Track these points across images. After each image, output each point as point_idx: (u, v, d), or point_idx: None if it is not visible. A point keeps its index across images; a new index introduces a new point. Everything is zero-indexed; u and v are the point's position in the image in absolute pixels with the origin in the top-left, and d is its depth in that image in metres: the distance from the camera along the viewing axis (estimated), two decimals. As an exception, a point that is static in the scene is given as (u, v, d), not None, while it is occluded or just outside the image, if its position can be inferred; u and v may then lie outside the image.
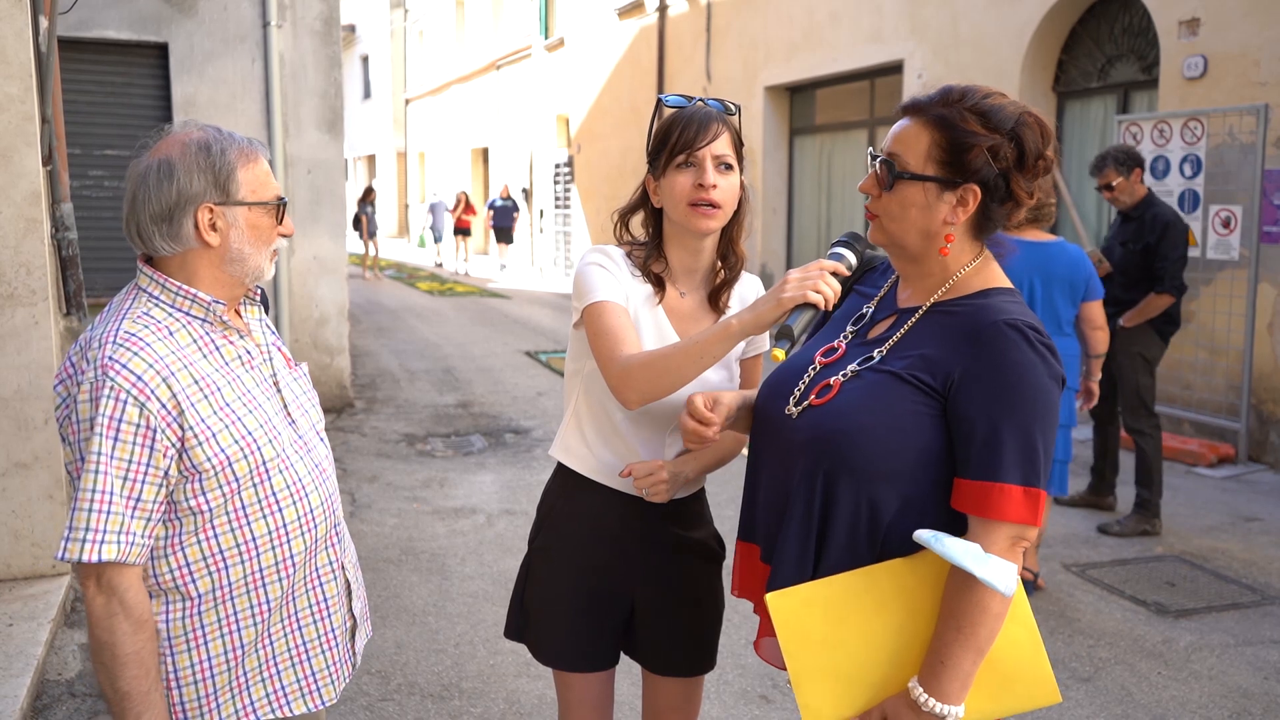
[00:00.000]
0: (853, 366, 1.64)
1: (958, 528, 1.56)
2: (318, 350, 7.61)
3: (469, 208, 20.94)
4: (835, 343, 1.72)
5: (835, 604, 1.54)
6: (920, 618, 1.55)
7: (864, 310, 1.75)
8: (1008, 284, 1.64)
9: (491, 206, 20.47)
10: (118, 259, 6.53)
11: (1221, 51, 6.69)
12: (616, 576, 2.01)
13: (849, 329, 1.73)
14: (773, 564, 1.63)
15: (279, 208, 1.73)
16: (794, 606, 1.54)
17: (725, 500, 5.12)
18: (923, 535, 1.49)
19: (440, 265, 22.31)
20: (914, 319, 1.64)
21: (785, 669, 1.61)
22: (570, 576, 2.02)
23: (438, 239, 23.03)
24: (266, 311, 1.95)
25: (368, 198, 20.09)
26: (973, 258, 1.64)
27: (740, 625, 3.84)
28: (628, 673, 3.09)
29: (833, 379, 1.64)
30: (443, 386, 8.93)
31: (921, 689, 1.51)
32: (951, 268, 1.63)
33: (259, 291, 1.83)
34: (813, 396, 1.65)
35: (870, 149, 1.67)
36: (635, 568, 2.01)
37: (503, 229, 20.35)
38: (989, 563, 1.46)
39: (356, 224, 19.48)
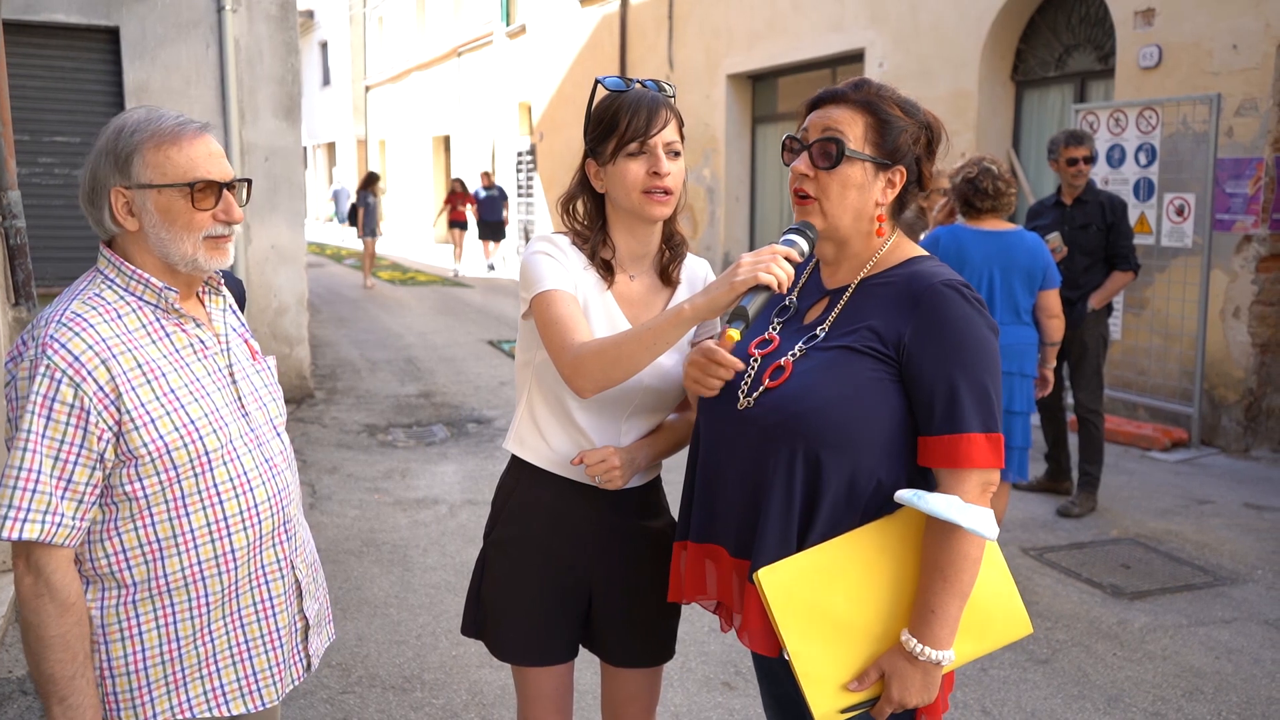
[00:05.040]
0: (799, 346, 1.68)
1: (927, 485, 1.63)
2: (277, 340, 7.52)
3: (465, 196, 17.62)
4: (766, 334, 1.76)
5: (824, 572, 1.58)
6: (903, 574, 1.62)
7: (787, 301, 1.80)
8: (923, 252, 1.74)
9: (475, 198, 17.49)
10: (68, 248, 6.40)
11: (1176, 42, 6.78)
12: (574, 568, 2.00)
13: (776, 320, 1.78)
14: (754, 548, 1.63)
15: (194, 190, 1.62)
16: (785, 580, 1.57)
17: (688, 488, 5.06)
18: (904, 495, 1.56)
19: (460, 272, 17.99)
20: (847, 296, 1.70)
21: (771, 653, 1.63)
22: (527, 570, 2.00)
23: (342, 221, 23.52)
24: (241, 302, 1.90)
25: (369, 185, 16.36)
26: (889, 237, 1.73)
27: (704, 613, 3.85)
28: (590, 662, 3.09)
29: (782, 360, 1.67)
30: (404, 376, 8.86)
31: (914, 639, 1.58)
32: (875, 246, 1.72)
33: (220, 279, 1.80)
34: (766, 381, 1.67)
35: (789, 135, 1.72)
36: (592, 559, 2.00)
37: (491, 223, 17.42)
38: (970, 511, 1.54)
39: (353, 217, 16.40)
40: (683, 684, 3.47)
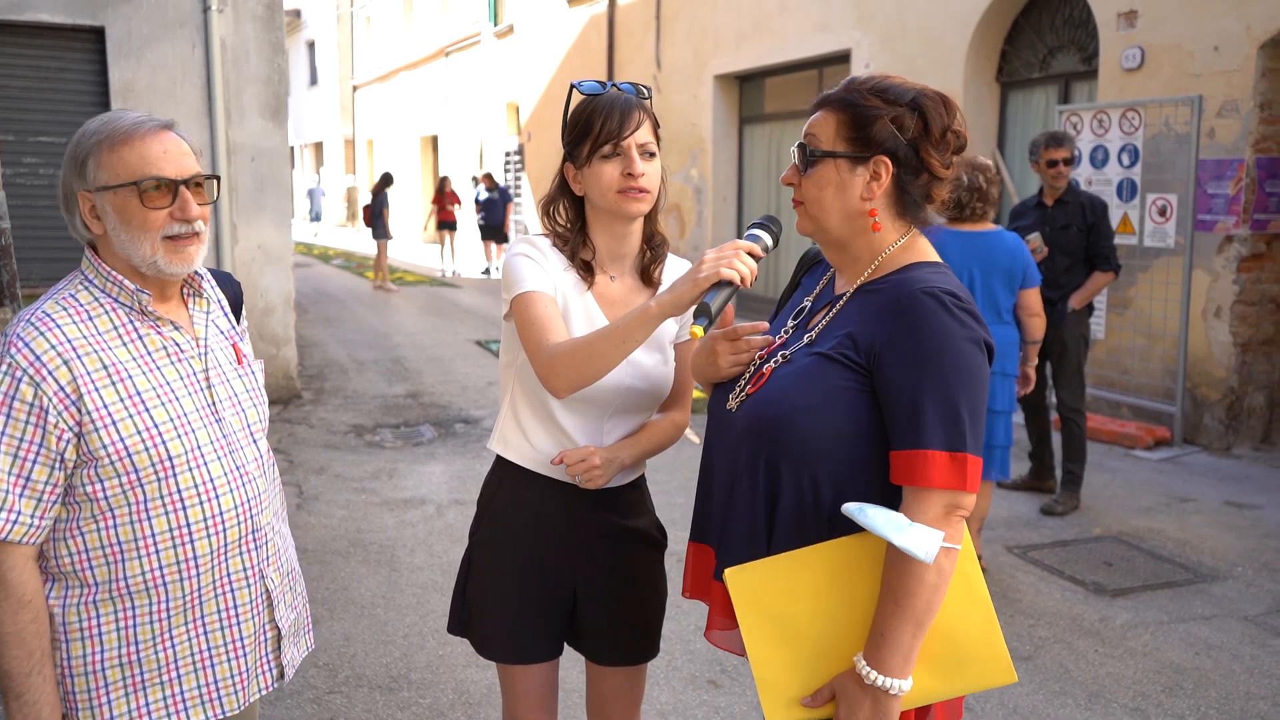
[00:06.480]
0: (784, 353, 1.67)
1: (899, 502, 1.55)
2: (263, 341, 7.51)
3: (453, 196, 17.19)
4: (777, 338, 1.74)
5: (790, 579, 1.54)
6: (871, 593, 1.54)
7: (804, 304, 1.77)
8: (934, 258, 1.64)
9: (477, 202, 17.00)
10: (53, 248, 6.37)
11: (1158, 43, 6.84)
12: (557, 567, 2.02)
13: (790, 323, 1.75)
14: (721, 548, 1.64)
15: (141, 189, 1.59)
16: (750, 581, 1.55)
17: (675, 488, 5.17)
18: (849, 508, 1.48)
19: (456, 274, 17.60)
20: (842, 302, 1.66)
21: (739, 653, 1.63)
22: (511, 569, 2.02)
23: (317, 218, 24.61)
24: (237, 304, 1.86)
25: (385, 186, 15.63)
26: (899, 237, 1.65)
27: (690, 612, 3.87)
28: (577, 660, 3.10)
29: (765, 367, 1.67)
30: (392, 376, 8.85)
31: (865, 663, 1.50)
32: (878, 248, 1.64)
33: (202, 280, 1.77)
34: (749, 386, 1.67)
35: (795, 145, 1.71)
36: (576, 558, 2.02)
37: (494, 226, 16.90)
38: (908, 531, 1.44)
39: (370, 220, 15.49)
40: (669, 682, 3.49)
